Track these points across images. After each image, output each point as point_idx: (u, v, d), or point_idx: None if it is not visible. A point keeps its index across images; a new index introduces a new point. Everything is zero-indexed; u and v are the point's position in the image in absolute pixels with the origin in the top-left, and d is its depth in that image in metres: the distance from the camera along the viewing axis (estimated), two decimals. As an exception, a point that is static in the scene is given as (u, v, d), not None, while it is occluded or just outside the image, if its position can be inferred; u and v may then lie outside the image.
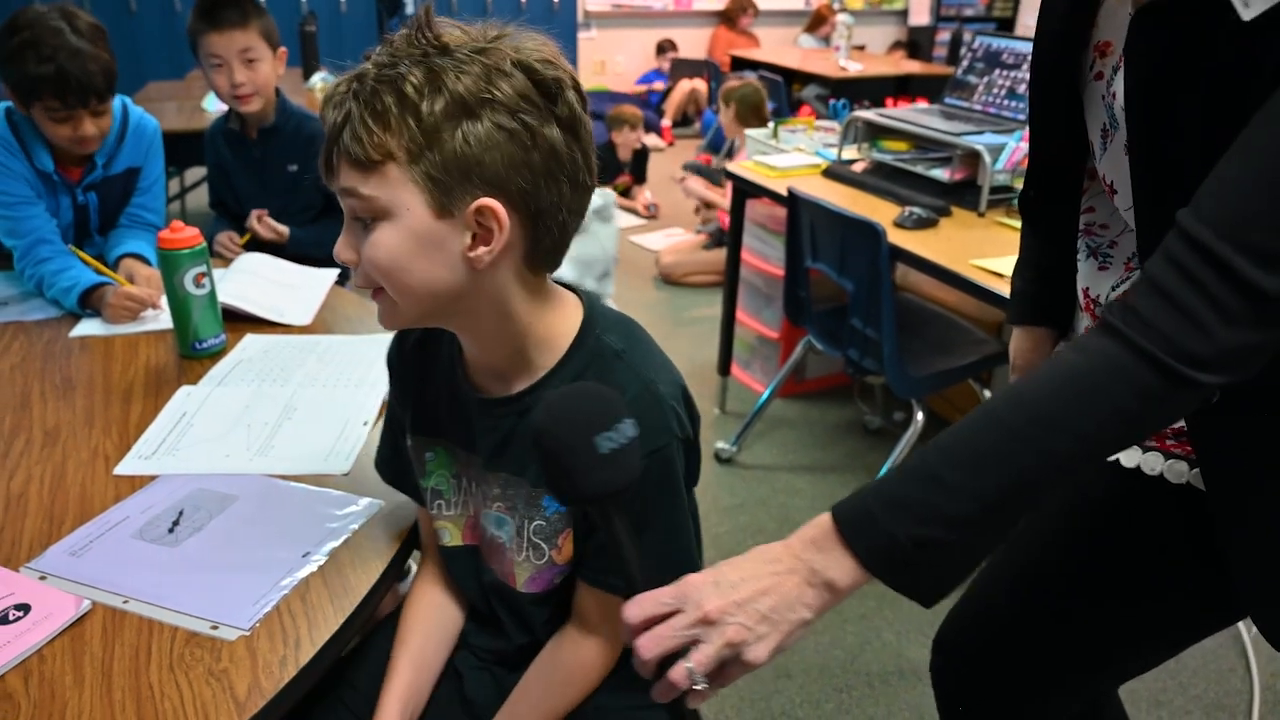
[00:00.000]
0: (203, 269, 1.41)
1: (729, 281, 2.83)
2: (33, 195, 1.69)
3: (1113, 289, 0.92)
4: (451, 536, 0.97)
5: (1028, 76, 2.32)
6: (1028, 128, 1.03)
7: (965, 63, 2.42)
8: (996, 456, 0.67)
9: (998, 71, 2.30)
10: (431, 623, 0.99)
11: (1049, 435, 0.66)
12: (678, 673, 0.67)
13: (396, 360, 0.98)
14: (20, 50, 1.51)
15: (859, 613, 2.04)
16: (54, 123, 1.60)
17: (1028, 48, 2.32)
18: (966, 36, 3.44)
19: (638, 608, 0.69)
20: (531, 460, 0.86)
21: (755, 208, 2.85)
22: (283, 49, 1.98)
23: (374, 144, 0.72)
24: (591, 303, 0.89)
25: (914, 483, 0.69)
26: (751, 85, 4.12)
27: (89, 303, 1.60)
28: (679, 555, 0.87)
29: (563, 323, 0.86)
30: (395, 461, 1.01)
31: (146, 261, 1.75)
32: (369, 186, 0.74)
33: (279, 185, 2.07)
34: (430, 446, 0.95)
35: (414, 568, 1.07)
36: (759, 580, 0.69)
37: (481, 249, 0.76)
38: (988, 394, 2.27)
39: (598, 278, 2.48)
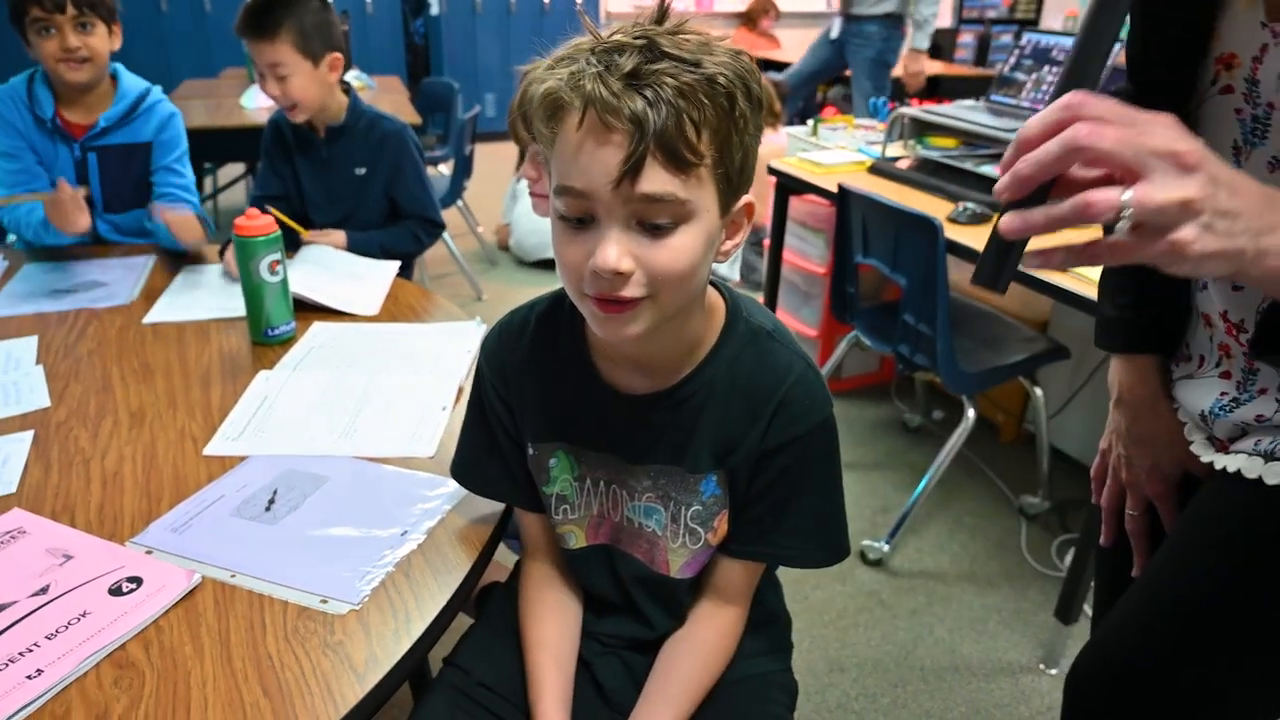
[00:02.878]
0: (277, 256, 1.43)
1: (770, 280, 2.84)
2: (20, 148, 1.77)
3: (1263, 308, 0.77)
4: (577, 539, 0.97)
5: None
6: None
7: (1013, 60, 2.41)
8: None
9: (1047, 68, 2.30)
10: (563, 622, 0.98)
11: None
12: (1106, 194, 0.53)
13: (510, 368, 0.93)
14: None
15: (909, 608, 2.04)
16: (41, 39, 1.66)
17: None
18: (1009, 37, 3.43)
19: (1092, 106, 0.54)
20: (689, 448, 0.87)
21: (794, 205, 2.85)
22: (334, 55, 1.83)
23: (698, 144, 0.68)
24: (726, 287, 0.89)
25: None
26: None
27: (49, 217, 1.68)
28: (834, 521, 0.92)
29: (714, 308, 0.87)
30: (490, 468, 0.97)
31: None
32: (687, 189, 0.69)
33: (346, 189, 1.98)
34: (553, 452, 0.93)
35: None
36: (1250, 193, 0.56)
37: (729, 244, 0.78)
38: (1038, 391, 2.26)
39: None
